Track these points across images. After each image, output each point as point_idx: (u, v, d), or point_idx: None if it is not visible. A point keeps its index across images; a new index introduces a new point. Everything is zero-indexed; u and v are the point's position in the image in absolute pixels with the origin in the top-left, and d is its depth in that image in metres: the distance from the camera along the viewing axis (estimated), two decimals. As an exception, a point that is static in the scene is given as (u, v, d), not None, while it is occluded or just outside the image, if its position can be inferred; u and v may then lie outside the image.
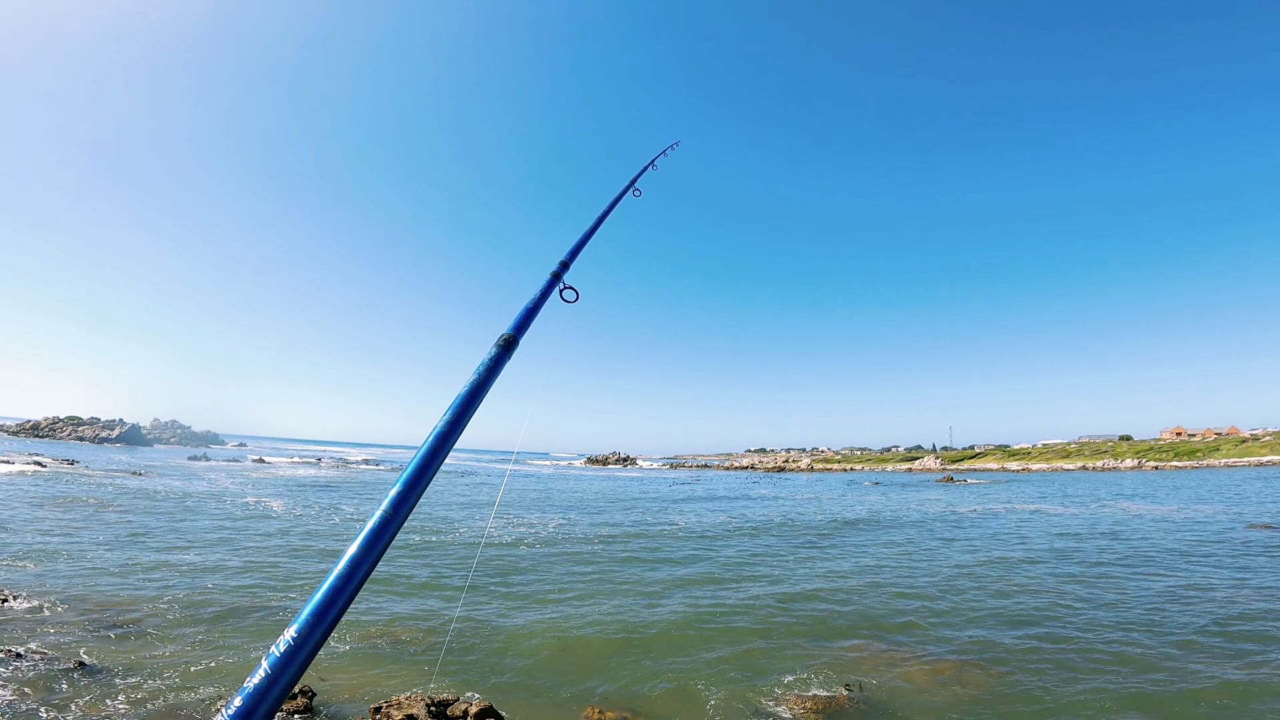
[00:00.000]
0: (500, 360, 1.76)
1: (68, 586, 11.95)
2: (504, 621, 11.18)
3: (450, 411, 1.53)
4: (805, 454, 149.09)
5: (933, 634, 10.90)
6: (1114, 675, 8.91)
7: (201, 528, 20.13)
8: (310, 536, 19.65)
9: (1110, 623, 11.41)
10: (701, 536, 22.61)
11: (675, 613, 12.06)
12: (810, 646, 10.19)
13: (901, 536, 23.37)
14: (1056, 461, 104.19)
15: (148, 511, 23.37)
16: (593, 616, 11.67)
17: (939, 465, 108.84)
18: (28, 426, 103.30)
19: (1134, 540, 21.31)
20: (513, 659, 9.37)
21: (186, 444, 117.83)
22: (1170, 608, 12.34)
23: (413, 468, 1.37)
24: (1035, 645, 10.23)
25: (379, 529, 1.25)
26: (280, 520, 23.06)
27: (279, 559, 15.75)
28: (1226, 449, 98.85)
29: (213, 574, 13.73)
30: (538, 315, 2.10)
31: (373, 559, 1.22)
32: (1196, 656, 9.60)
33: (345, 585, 1.17)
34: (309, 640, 1.10)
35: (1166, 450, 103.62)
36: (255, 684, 1.04)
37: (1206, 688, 8.41)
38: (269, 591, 12.56)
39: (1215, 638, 10.45)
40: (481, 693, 7.94)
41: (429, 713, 6.70)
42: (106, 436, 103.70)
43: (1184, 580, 14.81)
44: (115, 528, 19.18)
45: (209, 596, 11.94)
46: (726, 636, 10.65)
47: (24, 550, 15.10)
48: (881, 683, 8.68)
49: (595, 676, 8.79)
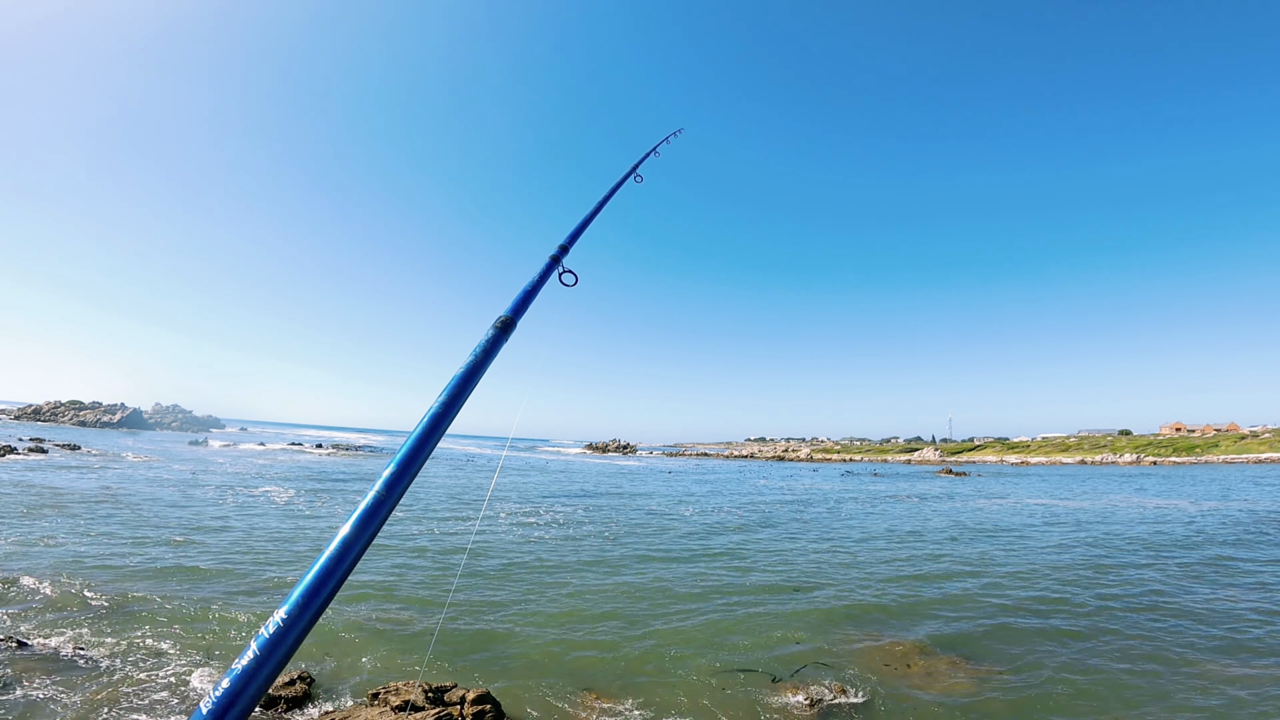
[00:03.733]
0: (497, 342, 1.73)
1: (67, 572, 12.00)
2: (500, 608, 11.23)
3: (446, 393, 1.50)
4: (805, 444, 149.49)
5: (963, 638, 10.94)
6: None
7: (200, 512, 20.19)
8: (307, 519, 19.71)
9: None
10: (702, 525, 22.67)
11: (674, 601, 12.10)
12: (813, 638, 10.23)
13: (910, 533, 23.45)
14: (1055, 455, 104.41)
15: (148, 496, 23.45)
16: (589, 604, 11.71)
17: (938, 457, 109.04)
18: (29, 410, 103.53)
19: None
20: (509, 645, 9.42)
21: (187, 428, 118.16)
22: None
23: (407, 448, 1.35)
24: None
25: (372, 510, 1.22)
26: (278, 504, 23.13)
27: (275, 543, 15.80)
28: (1225, 445, 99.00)
29: (210, 558, 13.78)
30: (536, 298, 2.06)
31: (365, 540, 1.20)
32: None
33: (337, 567, 1.15)
34: (299, 622, 1.08)
35: (1166, 445, 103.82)
36: (243, 666, 1.02)
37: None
38: (266, 574, 12.61)
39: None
40: (479, 678, 7.98)
41: (426, 698, 6.74)
42: (108, 421, 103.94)
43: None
44: (115, 512, 19.24)
45: (206, 581, 11.99)
46: (727, 626, 10.69)
47: (23, 535, 15.16)
48: (887, 681, 8.72)
49: (592, 663, 8.84)
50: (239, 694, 0.99)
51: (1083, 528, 23.38)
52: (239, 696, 0.99)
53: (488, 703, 6.79)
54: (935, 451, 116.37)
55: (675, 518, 24.82)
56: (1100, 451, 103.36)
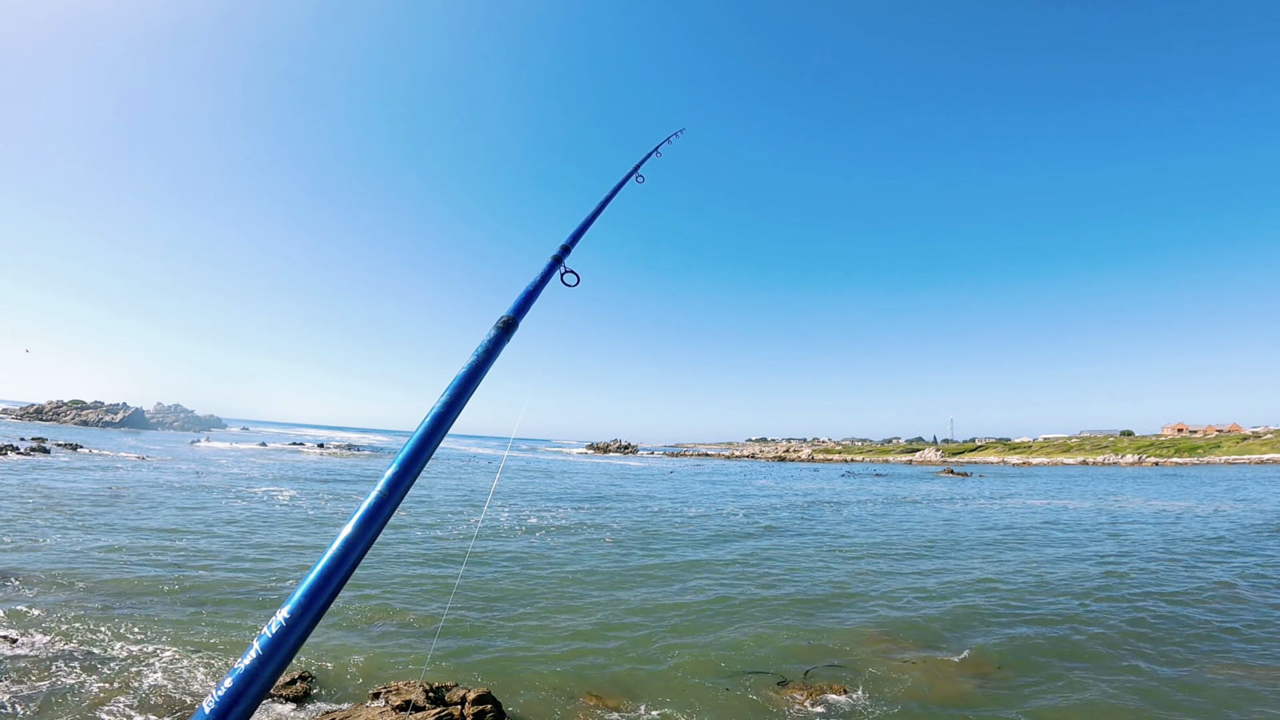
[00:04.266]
0: (499, 342, 1.73)
1: (71, 572, 12.02)
2: (502, 608, 11.23)
3: (448, 392, 1.50)
4: (806, 444, 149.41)
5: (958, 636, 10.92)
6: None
7: (203, 512, 20.22)
8: (309, 519, 19.73)
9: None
10: (704, 526, 22.66)
11: (676, 602, 12.10)
12: (819, 640, 10.22)
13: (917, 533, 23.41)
14: (1057, 456, 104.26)
15: (151, 496, 23.48)
16: (591, 606, 11.71)
17: (939, 458, 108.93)
18: (30, 410, 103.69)
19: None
20: (511, 645, 9.42)
21: (189, 428, 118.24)
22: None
23: (409, 448, 1.35)
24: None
25: (374, 509, 1.22)
26: (280, 504, 23.16)
27: (278, 543, 15.82)
28: (1227, 446, 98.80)
29: (212, 558, 13.80)
30: (538, 298, 2.06)
31: (367, 540, 1.20)
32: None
33: (339, 567, 1.14)
34: (301, 622, 1.07)
35: (1168, 446, 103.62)
36: (246, 665, 1.02)
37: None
38: (267, 575, 12.63)
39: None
40: (479, 678, 7.98)
41: (427, 698, 6.74)
42: (110, 420, 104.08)
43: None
44: (118, 513, 19.28)
45: (209, 581, 12.01)
46: (730, 628, 10.69)
47: (28, 535, 15.19)
48: (894, 683, 8.71)
49: (594, 665, 8.83)
50: (241, 693, 0.99)
51: (1118, 531, 23.36)
52: (241, 696, 0.99)
53: (488, 703, 6.79)
54: (937, 452, 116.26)
55: (677, 519, 24.81)
56: (1102, 452, 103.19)
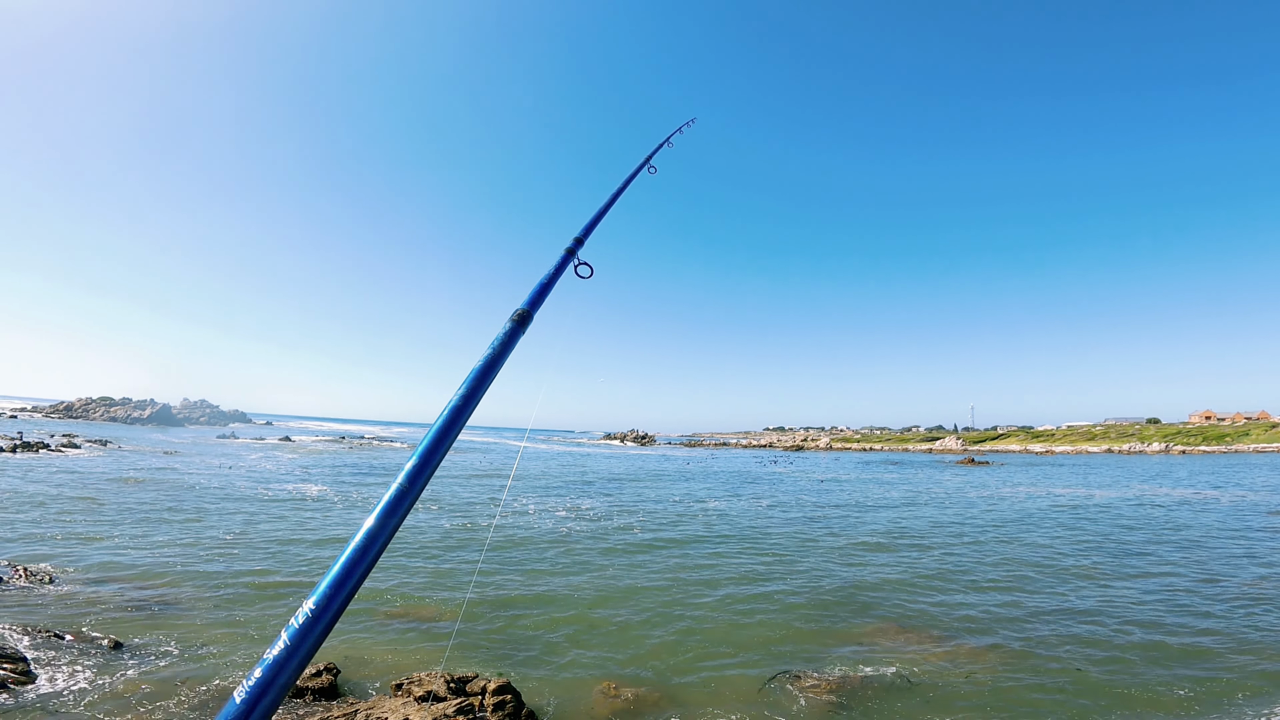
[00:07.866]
0: (514, 335, 1.74)
1: (102, 566, 12.37)
2: (521, 599, 11.36)
3: (465, 386, 1.52)
4: (824, 433, 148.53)
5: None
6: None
7: (232, 506, 20.66)
8: (336, 513, 20.08)
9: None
10: (723, 516, 22.68)
11: (695, 593, 12.15)
12: (836, 629, 10.22)
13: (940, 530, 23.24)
14: (1081, 444, 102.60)
15: (180, 491, 24.05)
16: (611, 596, 11.80)
17: (960, 446, 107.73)
18: (60, 408, 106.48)
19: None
20: (531, 636, 9.53)
21: (215, 423, 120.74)
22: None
23: (428, 441, 1.36)
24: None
25: (395, 502, 1.24)
26: (307, 498, 23.59)
27: (304, 536, 16.13)
28: (1256, 434, 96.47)
29: (241, 552, 14.11)
30: (552, 290, 2.07)
31: (389, 532, 1.22)
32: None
33: (362, 558, 1.17)
34: (327, 612, 1.10)
35: (1195, 434, 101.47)
36: (274, 655, 1.04)
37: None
38: (295, 567, 12.89)
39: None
40: (500, 669, 8.09)
41: (448, 689, 6.85)
42: (138, 417, 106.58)
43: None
44: (148, 507, 19.76)
45: (239, 574, 12.28)
46: (746, 619, 10.71)
47: (61, 531, 15.64)
48: (916, 673, 8.68)
49: (612, 655, 8.91)
50: (271, 682, 1.02)
51: (1148, 517, 23.00)
52: (270, 685, 1.01)
53: (509, 693, 6.88)
54: (957, 440, 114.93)
55: (696, 508, 24.86)
56: (1128, 440, 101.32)
